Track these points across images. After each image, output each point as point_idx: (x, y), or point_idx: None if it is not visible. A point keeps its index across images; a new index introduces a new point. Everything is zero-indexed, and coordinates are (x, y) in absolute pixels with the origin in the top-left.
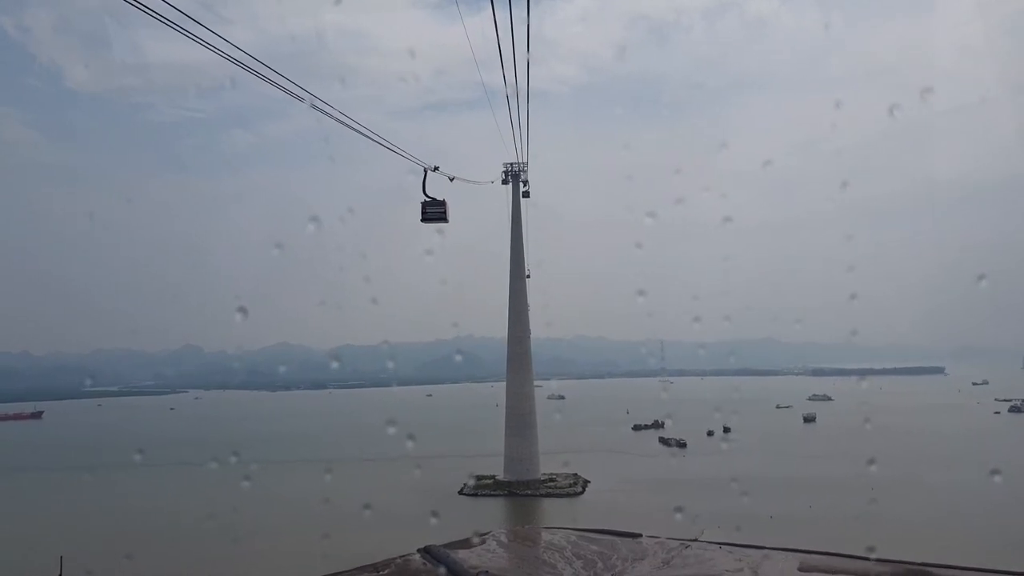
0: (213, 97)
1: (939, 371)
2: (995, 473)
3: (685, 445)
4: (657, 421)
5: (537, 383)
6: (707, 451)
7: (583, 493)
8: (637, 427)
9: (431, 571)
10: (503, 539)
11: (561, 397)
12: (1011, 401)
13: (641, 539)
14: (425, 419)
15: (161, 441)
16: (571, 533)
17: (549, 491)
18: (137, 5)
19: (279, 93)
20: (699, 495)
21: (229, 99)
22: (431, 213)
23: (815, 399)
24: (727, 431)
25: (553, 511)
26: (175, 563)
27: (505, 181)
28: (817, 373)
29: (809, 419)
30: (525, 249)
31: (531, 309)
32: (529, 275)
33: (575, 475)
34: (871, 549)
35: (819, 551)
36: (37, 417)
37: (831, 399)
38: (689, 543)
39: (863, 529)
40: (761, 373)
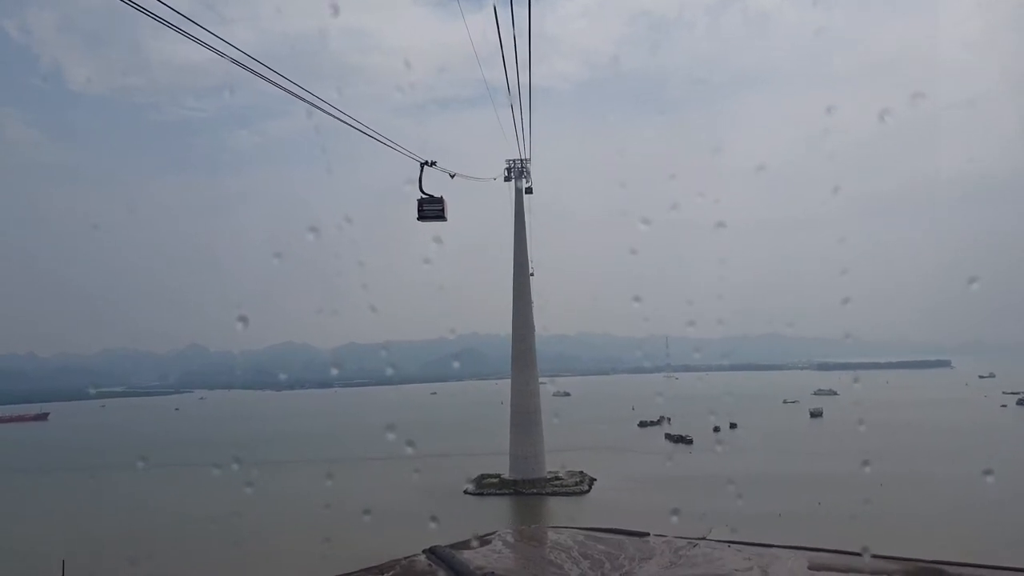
0: (215, 97)
1: (945, 364)
2: (1002, 467)
3: (691, 442)
4: (663, 418)
5: (542, 380)
6: (714, 448)
7: (589, 491)
8: (643, 424)
9: (436, 572)
10: (509, 539)
11: (566, 394)
12: (1019, 394)
13: (648, 538)
14: (430, 417)
15: (165, 442)
16: (578, 532)
17: (555, 490)
18: (138, 7)
19: (281, 92)
20: (706, 493)
21: (232, 99)
22: (428, 211)
23: (820, 394)
24: (733, 427)
25: (559, 510)
26: (178, 566)
27: (507, 178)
28: (822, 368)
29: (816, 414)
30: (528, 246)
31: (535, 306)
32: (533, 273)
33: (581, 473)
34: (865, 550)
35: (829, 549)
36: (42, 419)
37: (836, 394)
38: (697, 542)
39: (872, 526)
40: (766, 368)
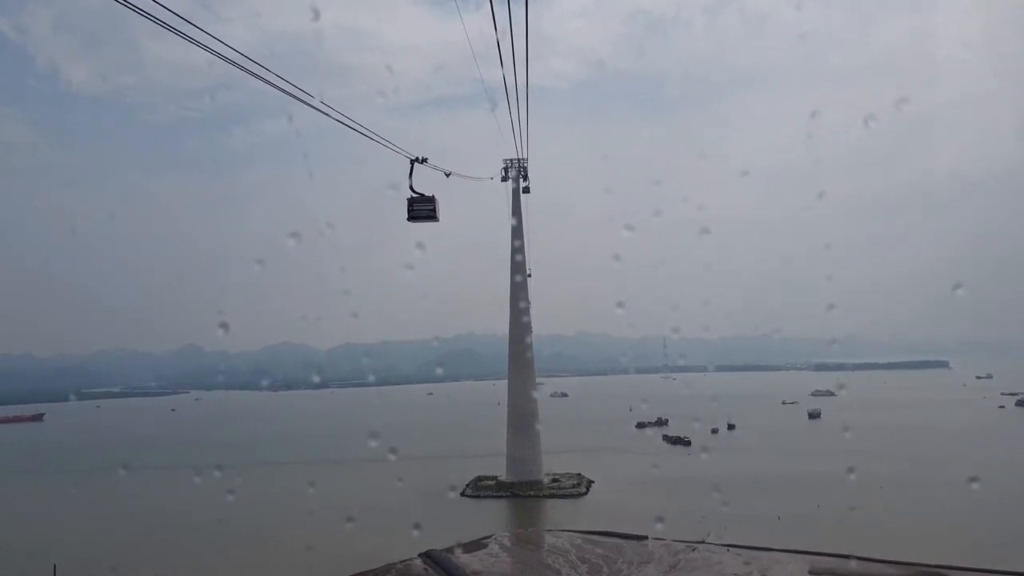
0: (211, 96)
1: (943, 365)
2: (1000, 470)
3: (689, 443)
4: (661, 419)
5: (539, 380)
6: (712, 449)
7: (587, 494)
8: (640, 425)
9: None
10: (506, 543)
11: (564, 395)
12: (1017, 395)
13: (647, 541)
14: (426, 419)
15: (160, 444)
16: (575, 536)
17: (552, 492)
18: (134, 8)
19: (278, 91)
20: (704, 495)
21: (228, 98)
22: (419, 211)
23: (818, 395)
24: (731, 428)
25: (557, 513)
26: (170, 570)
27: (504, 178)
28: (820, 368)
29: (814, 415)
30: (526, 246)
31: (532, 307)
32: (530, 274)
33: (579, 475)
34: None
35: (830, 553)
36: (38, 420)
37: (834, 394)
38: (696, 545)
39: (873, 529)
40: (763, 369)
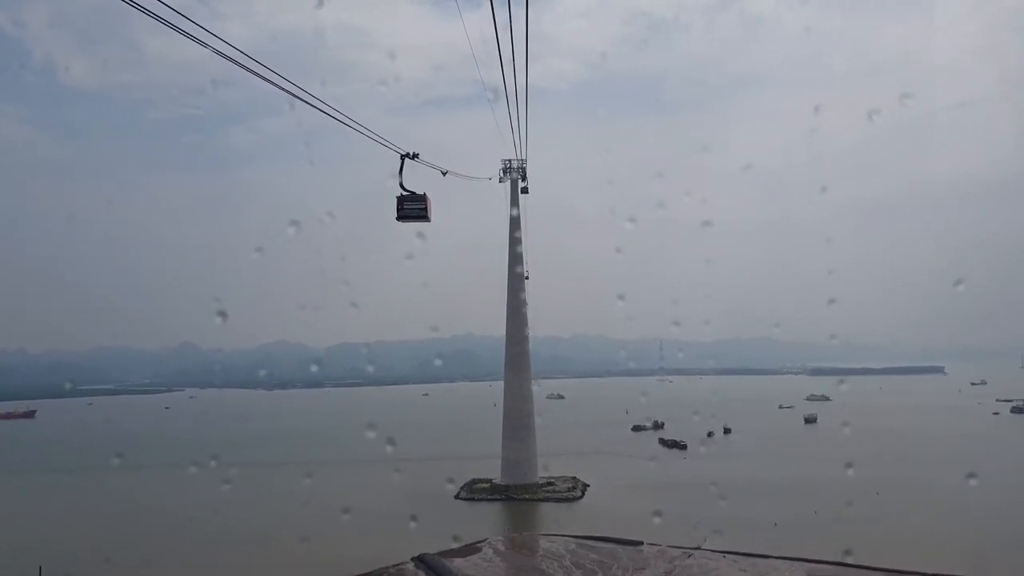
0: (211, 93)
1: (938, 371)
2: (998, 477)
3: (685, 447)
4: (657, 422)
5: (535, 382)
6: (708, 453)
7: (582, 497)
8: (636, 428)
9: None
10: (500, 547)
11: (560, 396)
12: (1012, 402)
13: (642, 547)
14: (421, 419)
15: (152, 442)
16: (570, 541)
17: (547, 495)
18: (132, 4)
19: (276, 89)
20: (700, 499)
21: (227, 95)
22: (409, 210)
23: (813, 399)
24: (727, 432)
25: (552, 517)
26: (157, 573)
27: (503, 178)
28: (816, 373)
29: (810, 420)
30: (524, 247)
31: (529, 308)
32: (528, 276)
33: (574, 478)
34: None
35: (827, 561)
36: (30, 416)
37: (829, 399)
38: (691, 552)
39: (870, 536)
40: (759, 372)
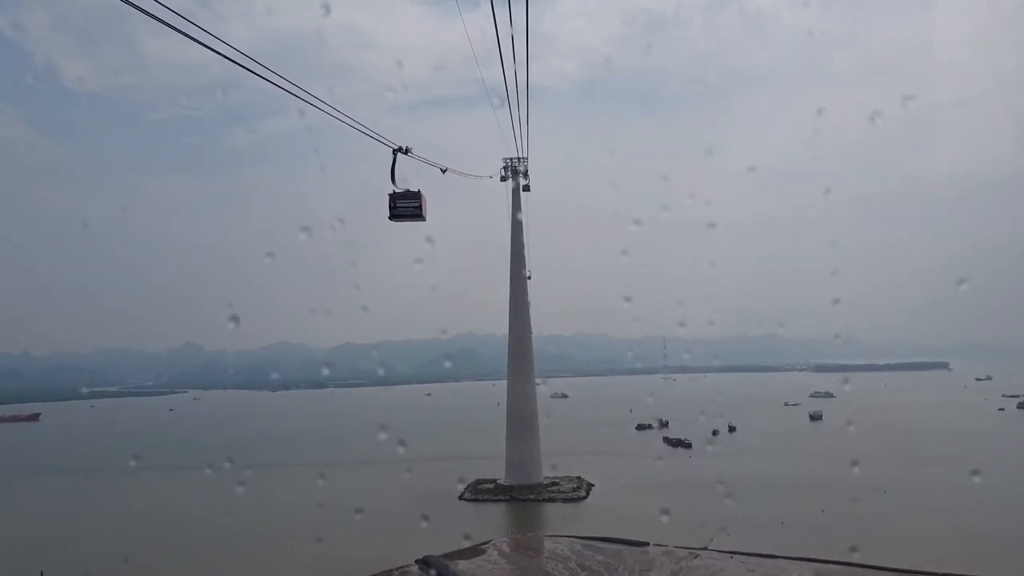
0: (211, 95)
1: (943, 367)
2: (1004, 474)
3: (690, 445)
4: (661, 421)
5: (539, 381)
6: (713, 452)
7: (587, 497)
8: (641, 427)
9: None
10: (504, 548)
11: (564, 396)
12: (1018, 397)
13: (648, 548)
14: (424, 419)
15: (157, 444)
16: (575, 542)
17: (552, 495)
18: (132, 4)
19: (277, 90)
20: (706, 499)
21: (228, 97)
22: (402, 208)
23: (817, 396)
24: (732, 430)
25: (556, 517)
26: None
27: (504, 177)
28: (820, 369)
29: (815, 417)
30: (526, 247)
31: (532, 307)
32: (530, 276)
33: (579, 478)
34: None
35: (836, 561)
36: (34, 419)
37: (833, 396)
38: (698, 552)
39: (878, 534)
40: (764, 370)
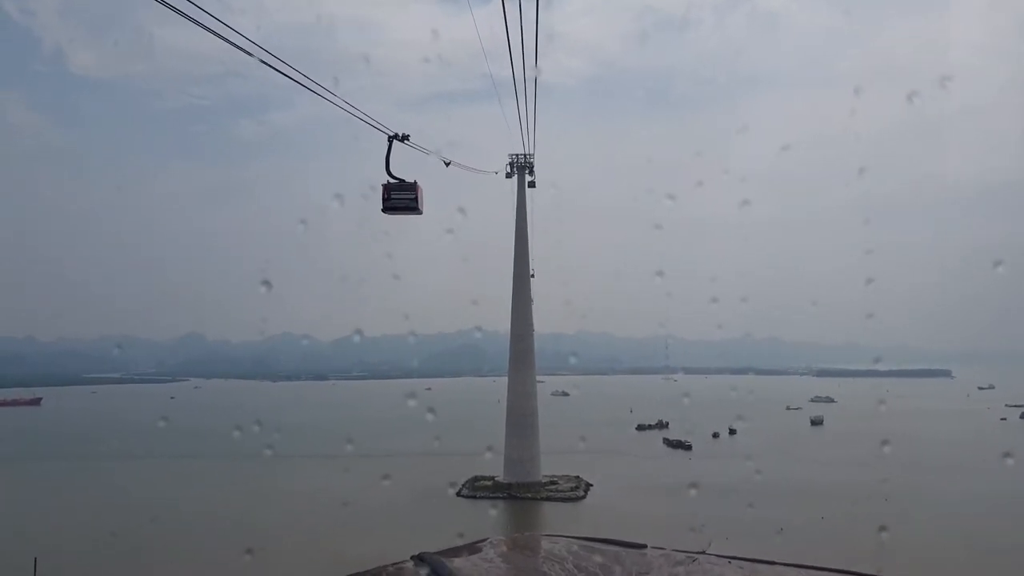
0: (219, 84)
1: (945, 374)
2: (1006, 485)
3: (691, 447)
4: (662, 421)
5: (540, 379)
6: (713, 454)
7: (585, 497)
8: (641, 427)
9: None
10: (501, 547)
11: (565, 394)
12: (1022, 407)
13: (646, 550)
14: (425, 414)
15: (157, 432)
16: (572, 542)
17: (550, 494)
18: None
19: (284, 81)
20: (705, 502)
21: (235, 87)
22: (397, 200)
23: (817, 401)
24: (733, 433)
25: (554, 516)
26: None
27: (510, 173)
28: (822, 374)
29: (817, 422)
30: (530, 244)
31: (535, 304)
32: (533, 275)
33: (577, 478)
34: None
35: (837, 569)
36: (35, 404)
37: (834, 401)
38: (696, 556)
39: (880, 544)
40: (765, 372)
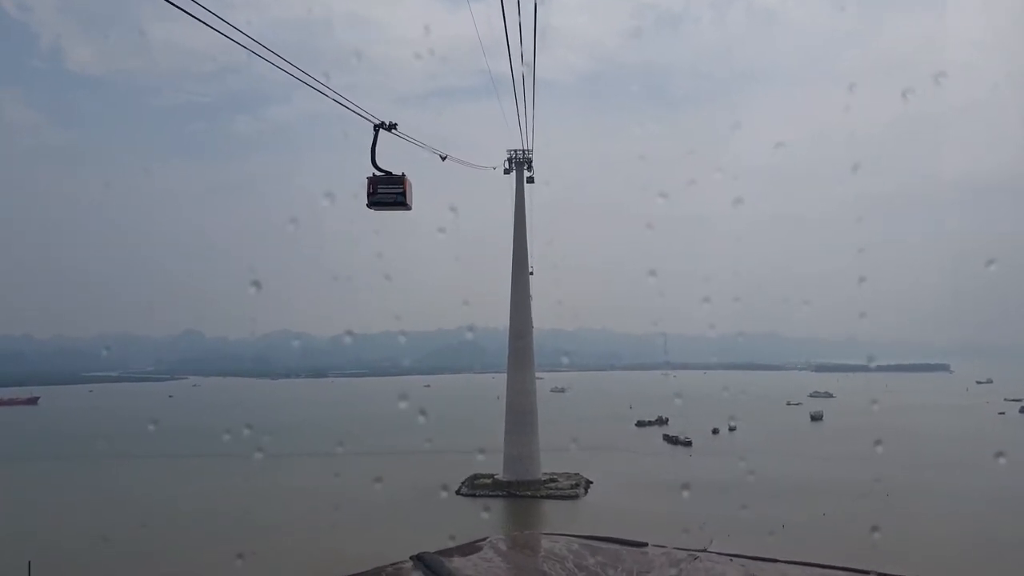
0: (217, 81)
1: (944, 368)
2: (1005, 480)
3: (690, 443)
4: (661, 417)
5: (539, 375)
6: (713, 450)
7: (585, 495)
8: (641, 423)
9: None
10: (501, 546)
11: (562, 390)
12: (1020, 401)
13: (647, 549)
14: (422, 411)
15: (155, 430)
16: (573, 541)
17: (550, 492)
18: None
19: (282, 77)
20: (706, 499)
21: (233, 83)
22: (383, 194)
23: (816, 396)
24: (732, 429)
25: (554, 514)
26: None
27: (508, 170)
28: (820, 369)
29: (816, 417)
30: (529, 240)
31: (534, 301)
32: (532, 272)
33: (577, 475)
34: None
35: (839, 566)
36: (33, 403)
37: (833, 396)
38: (697, 554)
39: (882, 540)
40: (764, 368)
